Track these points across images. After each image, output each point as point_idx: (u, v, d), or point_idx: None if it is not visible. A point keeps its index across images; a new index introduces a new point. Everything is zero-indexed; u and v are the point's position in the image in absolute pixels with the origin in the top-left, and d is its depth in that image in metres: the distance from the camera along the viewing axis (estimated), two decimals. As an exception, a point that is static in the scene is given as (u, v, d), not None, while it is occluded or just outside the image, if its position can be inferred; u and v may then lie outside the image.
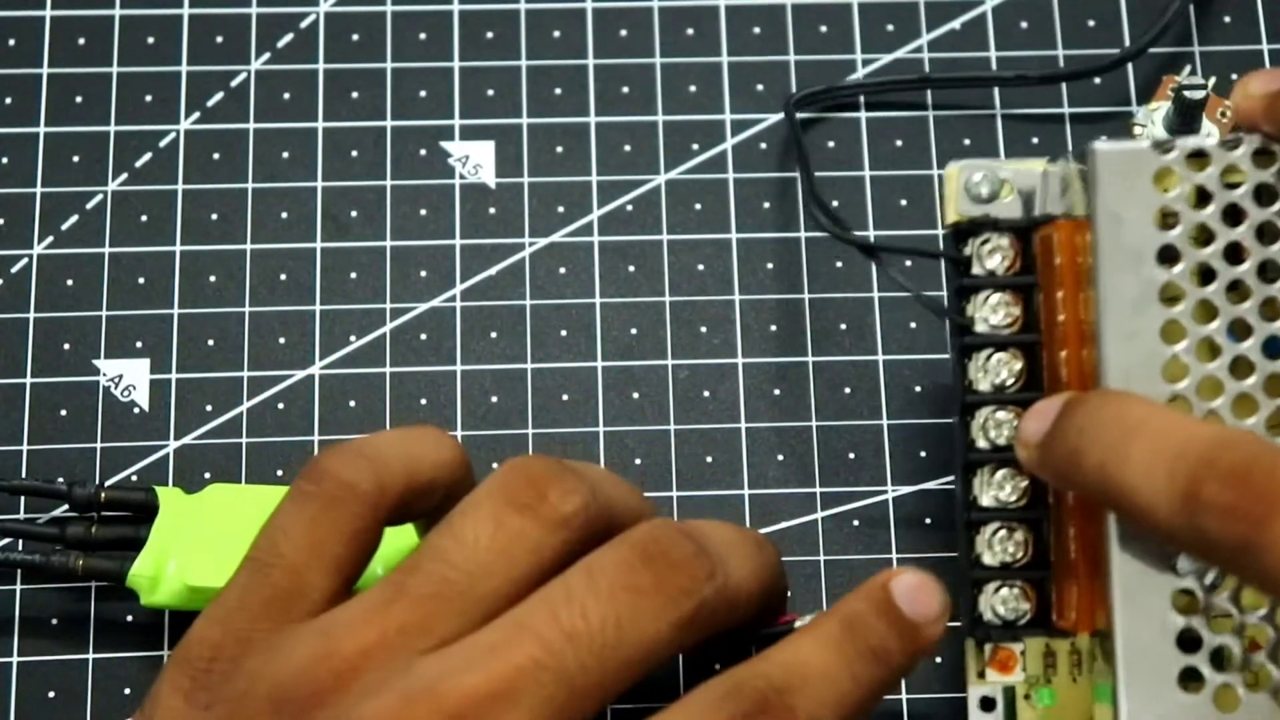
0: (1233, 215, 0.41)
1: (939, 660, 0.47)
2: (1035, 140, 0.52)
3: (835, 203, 0.52)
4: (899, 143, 0.53)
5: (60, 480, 0.48)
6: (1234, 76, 0.53)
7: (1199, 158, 0.41)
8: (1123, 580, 0.40)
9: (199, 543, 0.47)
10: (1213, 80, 0.51)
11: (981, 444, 0.43)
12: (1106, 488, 0.38)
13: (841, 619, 0.40)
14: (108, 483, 0.49)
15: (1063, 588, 0.43)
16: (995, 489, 0.43)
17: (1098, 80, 0.53)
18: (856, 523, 0.49)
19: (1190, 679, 0.40)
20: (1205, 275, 0.41)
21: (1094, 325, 0.41)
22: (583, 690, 0.38)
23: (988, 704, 0.44)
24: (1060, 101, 0.53)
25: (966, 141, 0.52)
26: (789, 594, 0.47)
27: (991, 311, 0.43)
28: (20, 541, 0.48)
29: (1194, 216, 0.41)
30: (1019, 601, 0.43)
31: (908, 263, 0.51)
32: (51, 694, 0.48)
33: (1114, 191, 0.41)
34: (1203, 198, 0.41)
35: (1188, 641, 0.40)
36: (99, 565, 0.47)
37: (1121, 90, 0.53)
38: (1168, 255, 0.41)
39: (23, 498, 0.49)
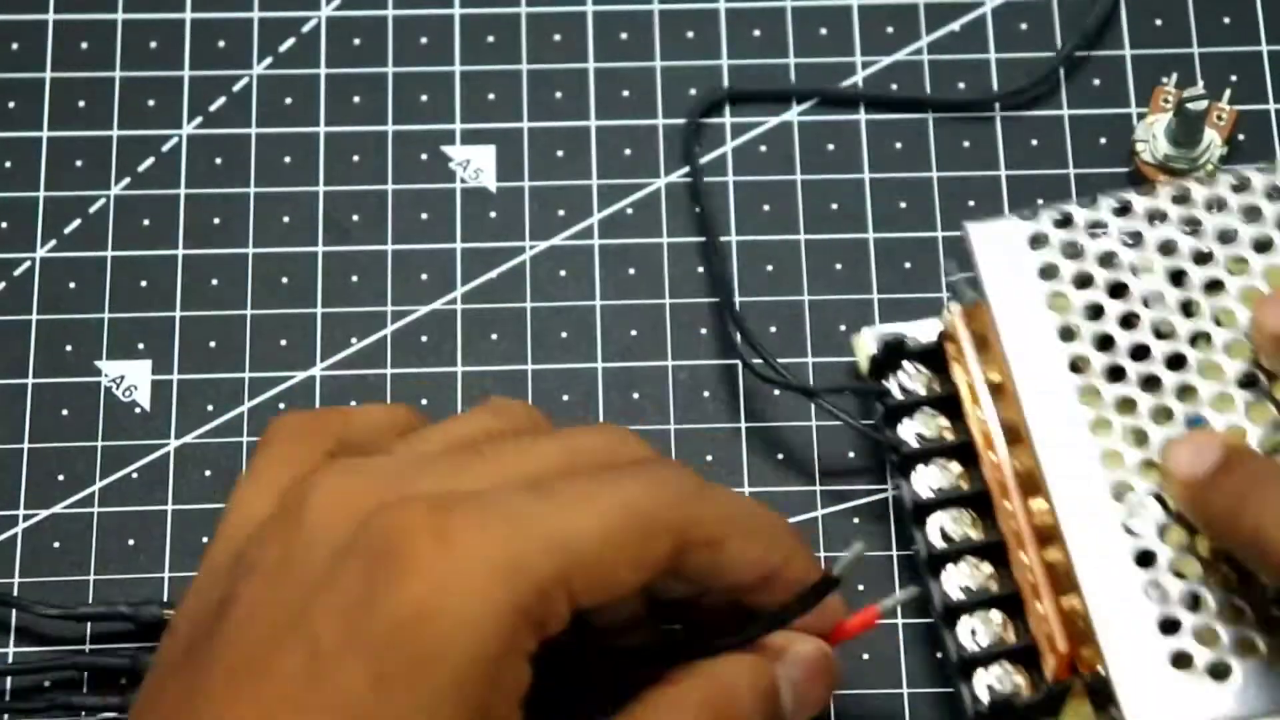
0: (1108, 260, 0.44)
1: (940, 655, 0.47)
2: (1034, 142, 0.52)
3: (835, 205, 0.52)
4: (898, 145, 0.53)
5: (122, 605, 0.47)
6: (1233, 78, 0.53)
7: (1065, 220, 0.45)
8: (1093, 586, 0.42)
9: None
10: (1201, 84, 0.52)
11: (939, 542, 0.46)
12: (1262, 548, 0.39)
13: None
14: (166, 599, 0.48)
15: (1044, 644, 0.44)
16: (963, 579, 0.46)
17: (1097, 80, 0.53)
18: (857, 520, 0.49)
19: (1180, 661, 0.41)
20: (1097, 311, 0.44)
21: (1009, 385, 0.44)
22: None
23: None
24: (1060, 104, 0.53)
25: (965, 144, 0.53)
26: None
27: (922, 426, 0.47)
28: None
29: (1073, 266, 0.44)
30: (1012, 677, 0.45)
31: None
32: None
33: (994, 262, 0.44)
34: (1077, 251, 0.44)
35: (1169, 625, 0.41)
36: None
37: (1120, 93, 0.53)
38: (1059, 305, 0.44)
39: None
